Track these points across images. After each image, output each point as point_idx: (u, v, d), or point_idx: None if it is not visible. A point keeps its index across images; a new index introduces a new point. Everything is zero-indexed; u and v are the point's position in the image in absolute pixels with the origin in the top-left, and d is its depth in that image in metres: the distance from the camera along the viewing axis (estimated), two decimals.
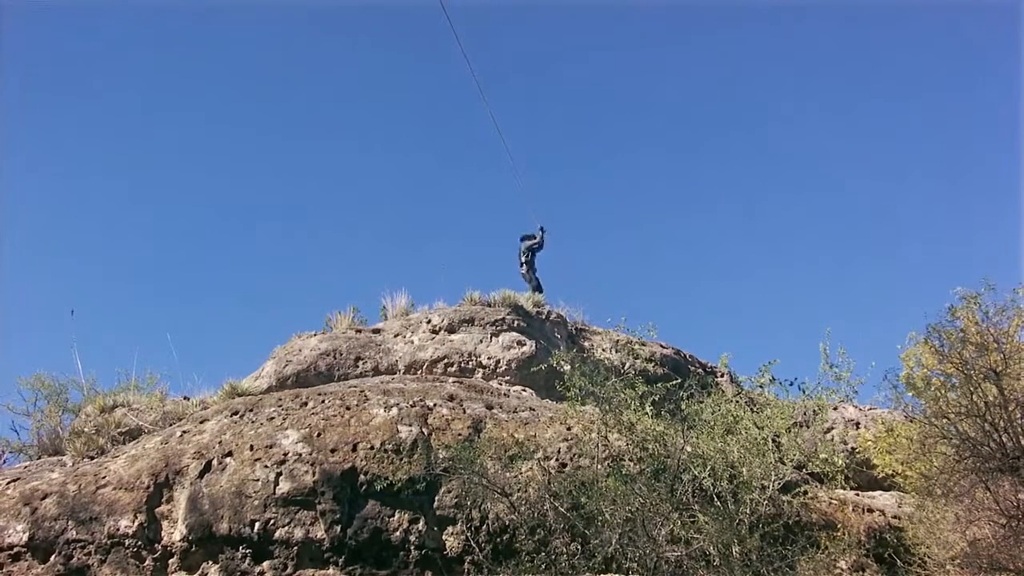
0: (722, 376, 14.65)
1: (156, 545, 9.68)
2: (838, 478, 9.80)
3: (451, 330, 13.95)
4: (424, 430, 10.31)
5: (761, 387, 10.53)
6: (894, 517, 10.17)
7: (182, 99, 46.43)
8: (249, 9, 43.92)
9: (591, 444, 9.99)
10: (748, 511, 8.82)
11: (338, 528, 9.46)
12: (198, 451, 10.34)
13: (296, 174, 47.88)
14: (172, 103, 45.73)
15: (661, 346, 14.61)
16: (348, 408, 10.74)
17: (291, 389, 12.47)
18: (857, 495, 10.92)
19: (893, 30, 45.84)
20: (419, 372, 13.27)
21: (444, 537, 9.53)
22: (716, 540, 8.43)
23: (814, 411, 10.29)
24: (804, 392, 10.21)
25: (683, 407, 10.00)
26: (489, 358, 13.47)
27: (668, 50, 50.78)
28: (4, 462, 13.33)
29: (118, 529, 9.73)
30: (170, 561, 9.60)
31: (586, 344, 14.44)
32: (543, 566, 8.54)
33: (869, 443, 11.61)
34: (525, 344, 13.65)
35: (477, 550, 9.17)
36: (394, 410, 10.61)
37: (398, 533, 9.50)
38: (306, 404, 11.08)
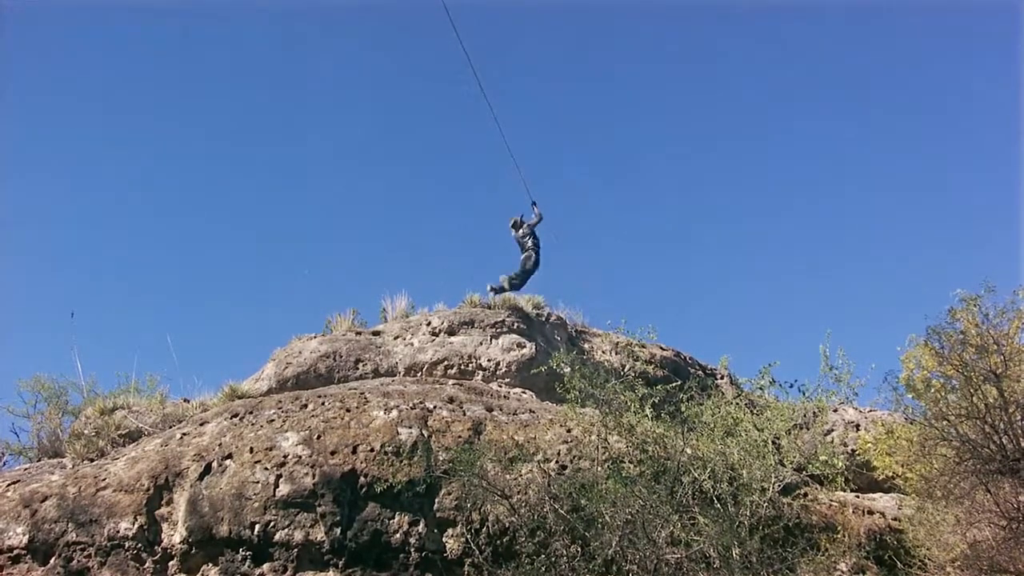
0: (722, 378, 14.64)
1: (156, 547, 9.69)
2: (838, 480, 9.79)
3: (451, 332, 13.95)
4: (424, 432, 10.32)
5: (761, 389, 10.52)
6: (894, 519, 10.16)
7: (182, 100, 46.48)
8: (253, 10, 43.95)
9: (591, 446, 9.99)
10: (748, 513, 8.81)
11: (338, 530, 9.46)
12: (198, 453, 10.34)
13: (296, 176, 47.91)
14: (172, 104, 45.76)
15: (661, 348, 14.60)
16: (348, 410, 10.74)
17: (291, 391, 12.47)
18: (857, 497, 10.91)
19: (893, 30, 45.89)
20: (419, 374, 13.27)
21: (444, 539, 9.53)
22: (716, 542, 8.43)
23: (814, 413, 10.29)
24: (804, 394, 10.21)
25: (683, 409, 10.00)
26: (489, 360, 13.47)
27: (669, 52, 50.84)
28: (4, 464, 13.37)
29: (118, 531, 9.73)
30: (170, 563, 9.60)
31: (586, 346, 14.43)
32: (543, 568, 8.54)
33: (869, 445, 11.60)
34: (525, 346, 13.65)
35: (477, 552, 9.16)
36: (394, 412, 10.61)
37: (398, 535, 9.50)
38: (306, 406, 11.08)
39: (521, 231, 15.08)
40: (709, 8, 44.30)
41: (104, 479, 10.27)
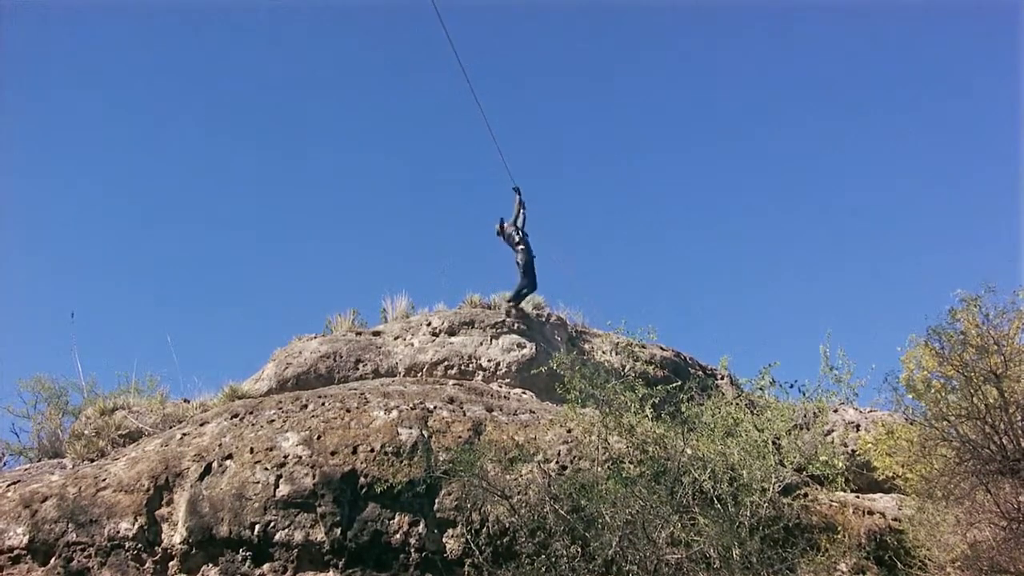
0: (722, 378, 14.63)
1: (156, 548, 9.69)
2: (838, 480, 9.77)
3: (451, 332, 13.95)
4: (424, 432, 10.32)
5: (761, 389, 10.50)
6: (894, 519, 10.16)
7: (181, 102, 46.48)
8: (252, 9, 43.98)
9: (591, 447, 9.98)
10: (748, 513, 8.81)
11: (338, 531, 9.46)
12: (198, 454, 10.34)
13: (296, 176, 47.91)
14: (171, 106, 45.76)
15: (661, 348, 14.58)
16: (348, 411, 10.74)
17: (291, 391, 12.48)
18: (857, 497, 10.90)
19: (892, 31, 45.89)
20: (419, 374, 13.27)
21: (444, 540, 9.53)
22: (716, 543, 8.43)
23: (814, 413, 10.28)
24: (804, 394, 10.20)
25: (683, 409, 10.00)
26: (489, 360, 13.47)
27: (668, 53, 50.84)
28: (4, 464, 13.37)
29: (118, 532, 9.73)
30: (170, 564, 9.60)
31: (586, 346, 14.42)
32: (543, 569, 8.53)
33: (869, 445, 11.59)
34: (525, 346, 13.64)
35: (477, 553, 9.16)
36: (394, 412, 10.62)
37: (398, 536, 9.50)
38: (306, 407, 11.08)
39: (506, 231, 14.46)
40: (709, 8, 44.33)
41: (104, 479, 10.27)
